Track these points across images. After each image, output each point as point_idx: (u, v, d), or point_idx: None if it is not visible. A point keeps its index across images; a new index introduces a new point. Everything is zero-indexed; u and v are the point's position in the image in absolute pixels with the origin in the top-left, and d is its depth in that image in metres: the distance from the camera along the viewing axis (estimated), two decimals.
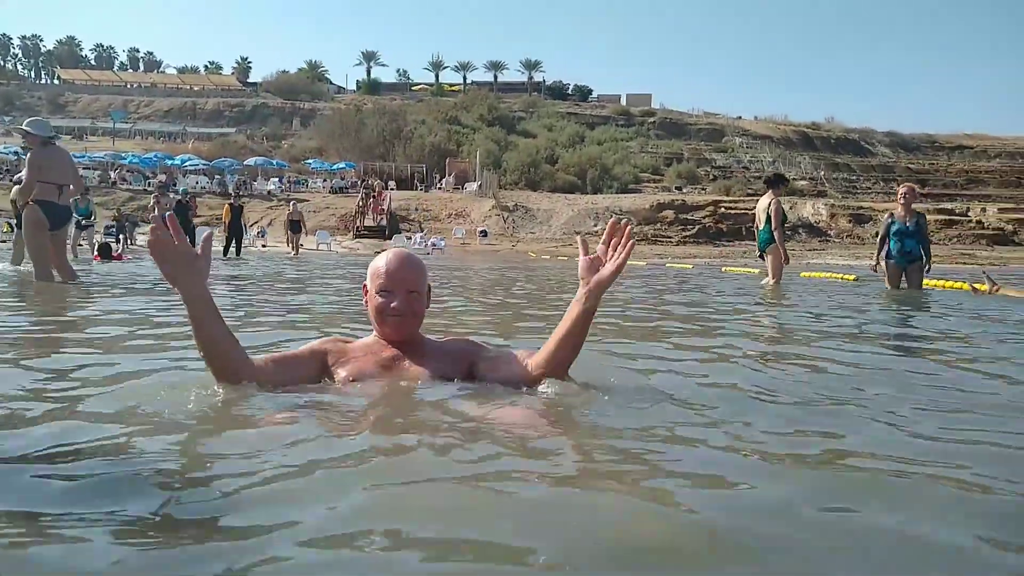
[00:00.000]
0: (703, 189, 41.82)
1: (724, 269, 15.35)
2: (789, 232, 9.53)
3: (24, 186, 7.28)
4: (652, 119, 56.68)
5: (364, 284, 2.34)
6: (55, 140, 7.57)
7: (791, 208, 8.24)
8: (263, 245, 26.56)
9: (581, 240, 2.34)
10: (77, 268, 8.23)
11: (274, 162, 43.16)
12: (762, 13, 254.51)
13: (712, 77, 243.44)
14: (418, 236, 28.93)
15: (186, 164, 39.60)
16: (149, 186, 34.86)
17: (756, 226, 9.39)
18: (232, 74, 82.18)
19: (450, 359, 2.31)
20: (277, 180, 39.54)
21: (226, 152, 45.35)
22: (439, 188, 40.28)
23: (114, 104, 63.86)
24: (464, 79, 76.41)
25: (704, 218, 33.47)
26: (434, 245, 26.70)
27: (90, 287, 7.02)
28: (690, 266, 16.97)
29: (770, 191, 9.15)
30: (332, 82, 77.22)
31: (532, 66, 76.86)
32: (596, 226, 31.36)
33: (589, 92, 71.40)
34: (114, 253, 14.53)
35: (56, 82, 78.62)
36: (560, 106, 59.89)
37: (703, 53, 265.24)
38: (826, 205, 35.47)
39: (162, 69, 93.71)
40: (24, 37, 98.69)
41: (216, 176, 37.88)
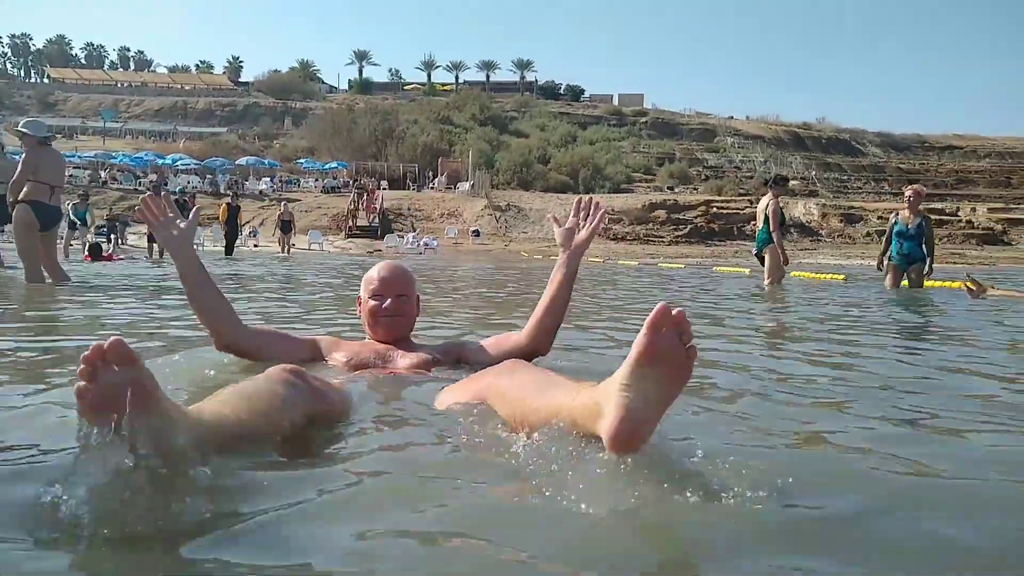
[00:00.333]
0: (695, 189, 41.92)
1: (715, 269, 15.38)
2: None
3: (13, 184, 7.18)
4: (644, 119, 56.78)
5: (358, 296, 2.57)
6: (51, 141, 7.55)
7: (782, 208, 8.33)
8: (255, 245, 26.52)
9: (552, 217, 2.66)
10: (67, 269, 8.19)
11: (266, 162, 42.98)
12: (755, 14, 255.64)
13: (704, 77, 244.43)
14: (410, 236, 28.90)
15: (177, 163, 39.38)
16: (140, 185, 34.68)
17: (756, 226, 9.56)
18: (223, 73, 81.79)
19: (439, 351, 2.51)
20: (269, 180, 39.40)
21: (217, 151, 45.14)
22: (431, 188, 40.23)
23: (104, 103, 63.48)
24: (456, 79, 76.32)
25: (696, 218, 33.58)
26: (427, 245, 26.72)
27: (83, 288, 6.99)
28: (681, 266, 17.00)
29: (770, 192, 9.29)
30: (324, 81, 76.96)
31: (524, 66, 76.81)
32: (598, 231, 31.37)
33: (581, 92, 71.34)
34: (104, 253, 14.47)
35: (46, 81, 78.09)
36: (552, 106, 59.93)
37: (695, 53, 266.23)
38: (817, 205, 35.64)
39: (153, 68, 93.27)
40: (13, 36, 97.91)
41: (208, 176, 37.72)
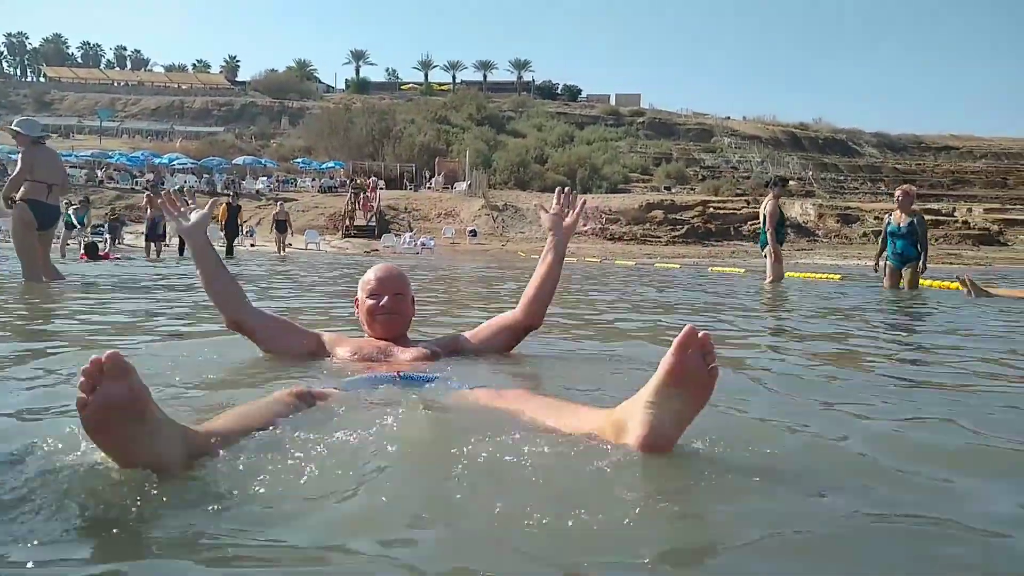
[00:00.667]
0: (692, 189, 41.95)
1: (711, 269, 15.42)
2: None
3: (11, 182, 7.24)
4: (641, 119, 56.75)
5: (355, 298, 2.73)
6: (44, 139, 7.56)
7: (781, 208, 8.34)
8: (251, 244, 26.53)
9: (540, 205, 3.00)
10: (64, 268, 8.20)
11: (263, 161, 42.91)
12: (752, 14, 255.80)
13: (702, 77, 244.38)
14: (407, 236, 28.90)
15: (174, 163, 39.32)
16: (137, 185, 34.63)
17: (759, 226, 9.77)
18: (220, 73, 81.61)
19: (436, 345, 2.66)
20: (266, 179, 39.35)
21: (214, 151, 45.03)
22: (428, 188, 40.21)
23: (101, 102, 63.32)
24: (453, 78, 76.23)
25: (693, 218, 33.61)
26: (423, 245, 26.74)
27: (80, 287, 6.99)
28: (678, 266, 17.03)
29: (771, 192, 9.49)
30: (321, 81, 76.85)
31: (521, 66, 76.79)
32: (585, 226, 31.44)
33: (578, 92, 71.27)
34: (101, 252, 14.46)
35: (42, 80, 77.88)
36: (549, 106, 59.85)
37: (693, 54, 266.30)
38: (814, 205, 35.69)
39: (149, 67, 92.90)
40: (9, 34, 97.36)
41: (204, 175, 37.66)
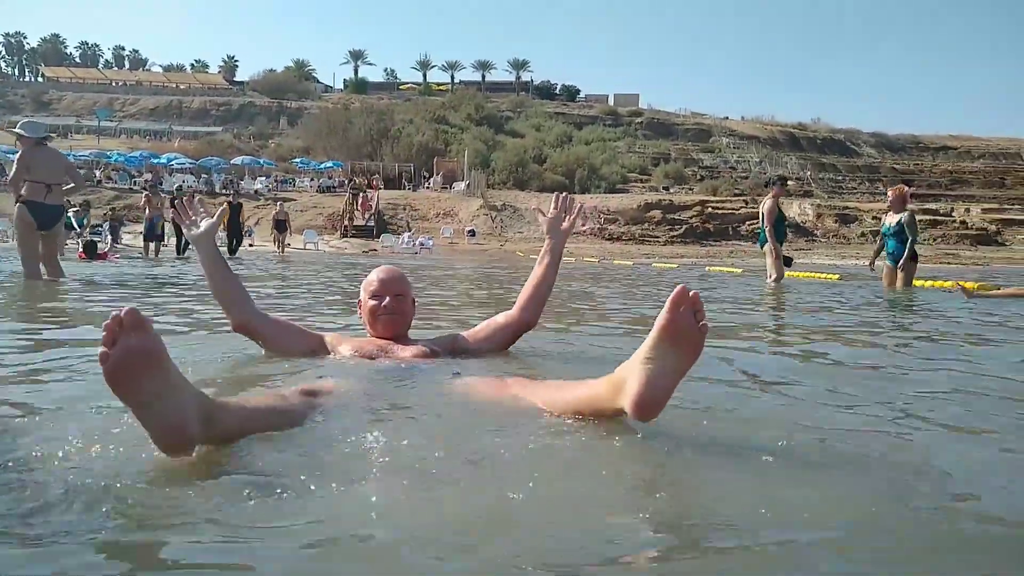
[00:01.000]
0: (690, 189, 41.99)
1: (708, 269, 15.44)
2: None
3: (10, 183, 7.55)
4: (640, 119, 56.76)
5: (359, 300, 2.83)
6: (47, 141, 7.77)
7: (781, 208, 8.35)
8: (250, 244, 26.48)
9: (538, 209, 3.10)
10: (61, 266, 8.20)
11: (261, 161, 42.84)
12: (751, 14, 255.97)
13: (700, 77, 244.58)
14: (406, 236, 28.90)
15: (172, 163, 39.27)
16: (135, 185, 34.59)
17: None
18: (219, 72, 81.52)
19: (436, 344, 2.73)
20: (264, 179, 39.32)
21: (213, 151, 44.95)
22: (427, 188, 40.20)
23: (99, 102, 63.22)
24: (452, 78, 76.19)
25: (691, 218, 33.64)
26: (422, 244, 26.74)
27: (80, 286, 7.00)
28: (675, 266, 17.05)
29: (771, 191, 9.54)
30: (319, 81, 76.78)
31: (520, 66, 76.75)
32: (584, 226, 31.45)
33: (577, 92, 71.25)
34: (100, 252, 14.43)
35: (40, 80, 77.81)
36: (548, 106, 59.83)
37: (691, 54, 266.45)
38: (812, 205, 35.74)
39: (148, 67, 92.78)
40: (7, 34, 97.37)
41: (203, 175, 37.62)
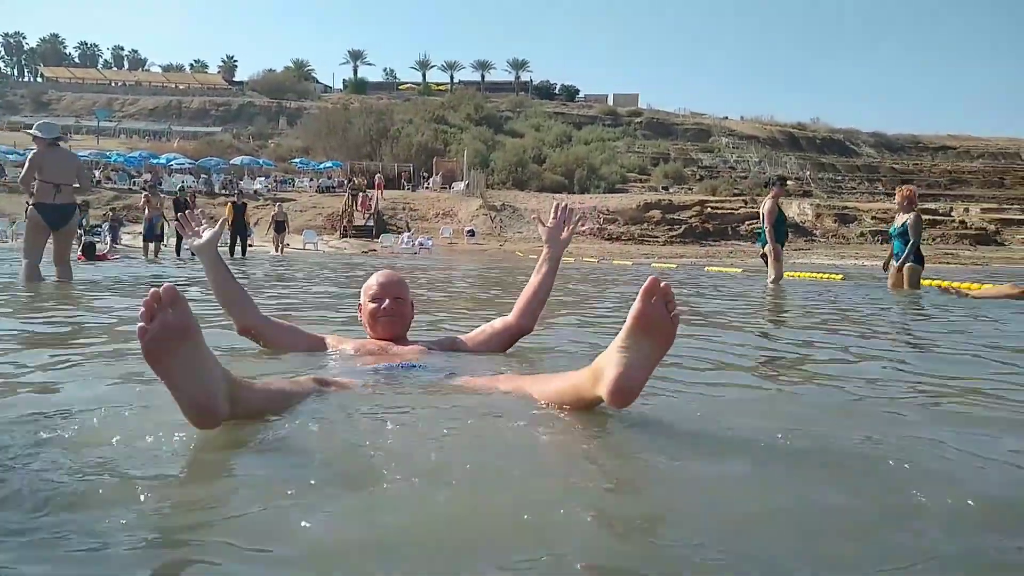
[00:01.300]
0: (690, 189, 41.97)
1: (707, 269, 15.45)
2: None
3: (21, 183, 7.99)
4: (639, 119, 56.75)
5: (359, 303, 2.91)
6: (59, 141, 8.03)
7: (781, 207, 8.33)
8: (249, 244, 26.45)
9: (538, 218, 3.16)
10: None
11: (260, 161, 42.83)
12: (750, 14, 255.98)
13: (699, 77, 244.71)
14: (406, 236, 28.90)
15: (171, 163, 39.26)
16: (134, 185, 34.57)
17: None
18: (218, 73, 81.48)
19: (434, 344, 2.83)
20: (263, 179, 39.30)
21: (212, 151, 44.94)
22: (426, 188, 40.19)
23: (98, 102, 63.23)
24: (451, 78, 76.19)
25: (690, 218, 33.63)
26: (421, 244, 26.74)
27: (80, 286, 7.01)
28: (674, 266, 17.05)
29: (771, 191, 9.55)
30: (319, 81, 76.78)
31: (519, 66, 76.74)
32: (583, 226, 31.45)
33: (576, 92, 71.23)
34: (99, 253, 14.42)
35: (39, 80, 77.80)
36: (547, 106, 59.82)
37: (690, 54, 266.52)
38: (812, 205, 35.73)
39: (147, 67, 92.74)
40: (6, 34, 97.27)
41: (202, 175, 37.61)
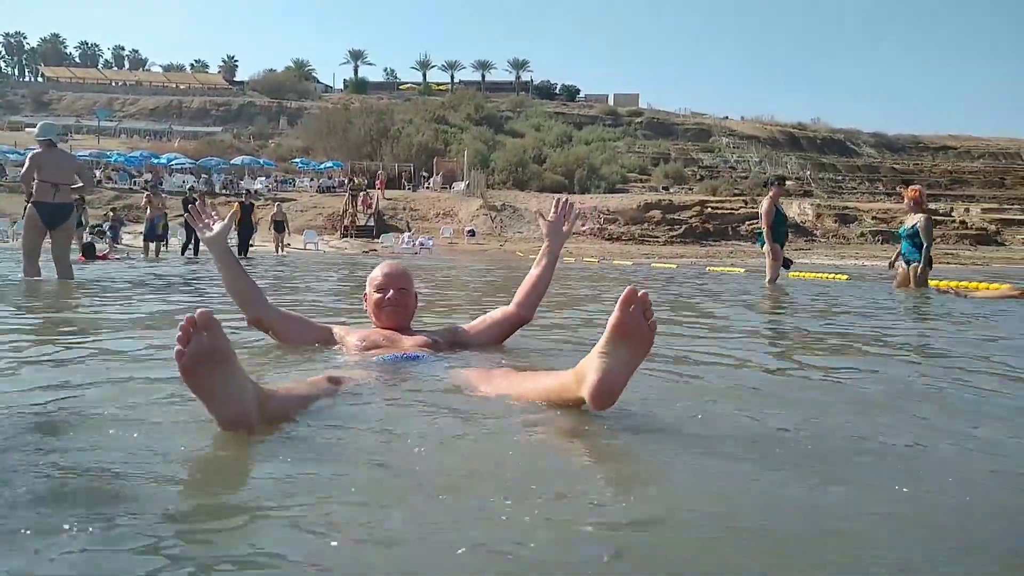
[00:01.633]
0: (690, 189, 41.97)
1: (708, 268, 15.46)
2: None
3: (21, 182, 8.25)
4: (639, 119, 56.75)
5: (364, 294, 2.99)
6: (56, 142, 7.99)
7: (781, 207, 8.30)
8: (251, 244, 26.48)
9: (539, 213, 3.32)
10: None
11: (261, 161, 42.89)
12: (751, 14, 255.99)
13: (700, 77, 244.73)
14: (406, 236, 28.93)
15: (172, 163, 39.30)
16: (135, 185, 34.62)
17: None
18: (218, 72, 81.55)
19: (437, 335, 2.90)
20: (264, 179, 39.33)
21: (212, 151, 44.99)
22: (427, 188, 40.21)
23: (99, 102, 63.32)
24: (452, 78, 76.18)
25: (691, 218, 33.63)
26: (422, 244, 26.77)
27: (80, 286, 7.02)
28: (674, 266, 17.06)
29: (770, 191, 9.50)
30: (319, 81, 76.84)
31: (520, 66, 76.75)
32: (584, 226, 31.46)
33: (577, 92, 71.22)
34: (99, 253, 14.41)
35: (40, 80, 77.88)
36: (548, 106, 59.81)
37: (691, 54, 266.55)
38: (812, 205, 35.72)
39: (147, 67, 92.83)
40: (7, 34, 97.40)
41: (203, 175, 37.64)
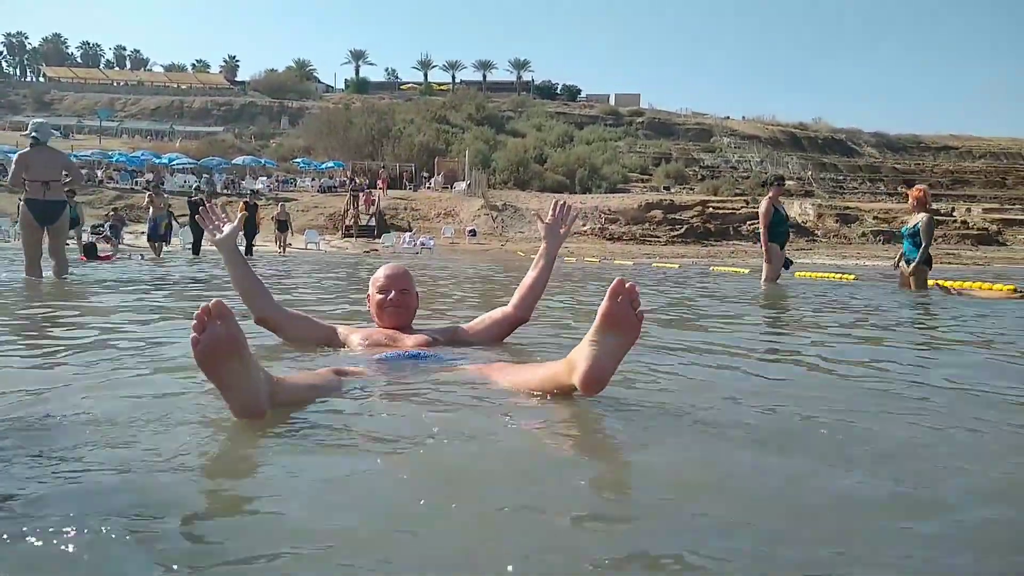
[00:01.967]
0: (691, 189, 41.94)
1: (712, 268, 15.45)
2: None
3: (10, 182, 8.37)
4: (640, 119, 56.72)
5: (368, 295, 3.08)
6: (45, 141, 7.88)
7: (782, 207, 8.30)
8: (253, 244, 26.49)
9: (537, 215, 3.38)
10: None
11: (262, 161, 42.88)
12: (751, 14, 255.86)
13: (701, 77, 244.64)
14: (407, 235, 28.91)
15: (174, 163, 39.30)
16: (136, 185, 34.63)
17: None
18: (220, 72, 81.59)
19: (437, 333, 2.99)
20: (265, 179, 39.33)
21: (214, 151, 44.96)
22: (428, 188, 40.19)
23: (100, 102, 63.34)
24: (453, 78, 76.19)
25: (692, 218, 33.59)
26: (423, 244, 26.76)
27: (80, 286, 7.02)
28: (676, 266, 17.04)
29: (770, 191, 9.50)
30: (320, 81, 76.87)
31: (521, 65, 76.79)
32: (585, 226, 31.45)
33: (578, 92, 71.16)
34: (101, 254, 14.38)
35: (42, 80, 77.90)
36: (549, 106, 59.76)
37: (692, 53, 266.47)
38: (813, 205, 35.69)
39: (149, 67, 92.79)
40: (9, 34, 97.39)
41: (204, 175, 37.64)
